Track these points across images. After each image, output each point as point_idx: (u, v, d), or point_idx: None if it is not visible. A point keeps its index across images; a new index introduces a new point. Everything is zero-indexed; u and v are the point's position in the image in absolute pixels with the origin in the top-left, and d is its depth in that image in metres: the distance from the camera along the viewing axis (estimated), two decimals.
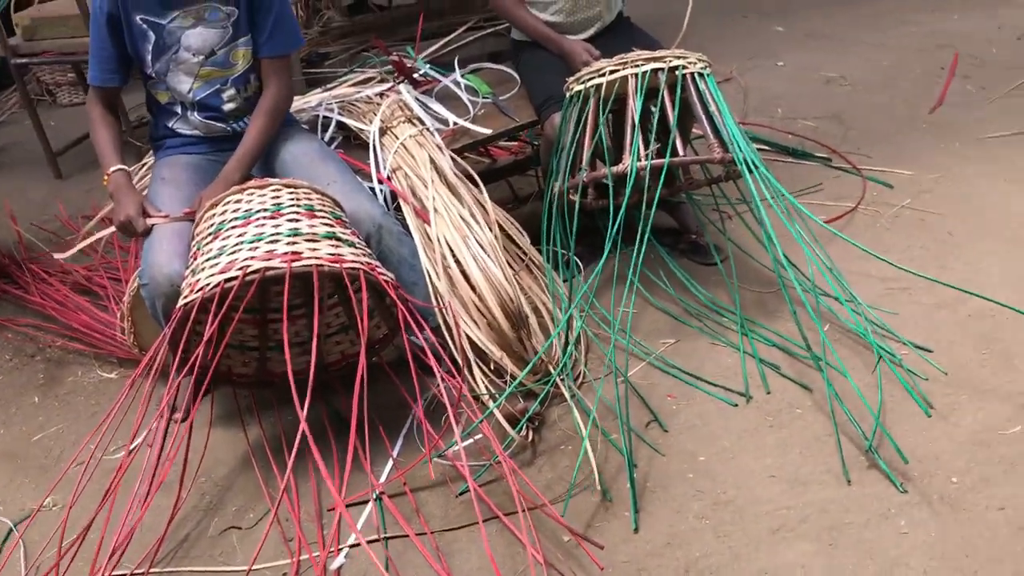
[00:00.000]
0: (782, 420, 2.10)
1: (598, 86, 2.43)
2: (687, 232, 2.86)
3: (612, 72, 2.41)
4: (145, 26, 2.21)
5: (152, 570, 1.88)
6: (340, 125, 2.78)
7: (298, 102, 2.88)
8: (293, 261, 1.88)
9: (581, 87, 2.46)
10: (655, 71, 2.38)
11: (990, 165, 3.21)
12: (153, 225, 2.15)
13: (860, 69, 4.38)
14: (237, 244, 1.94)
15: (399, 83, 2.90)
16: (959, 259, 2.65)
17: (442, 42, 3.47)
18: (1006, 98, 3.79)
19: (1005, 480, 1.85)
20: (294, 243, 1.93)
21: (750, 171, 2.30)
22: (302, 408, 1.66)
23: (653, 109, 2.50)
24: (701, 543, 1.79)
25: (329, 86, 3.06)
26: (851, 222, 2.94)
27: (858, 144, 3.51)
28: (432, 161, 2.49)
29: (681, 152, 2.33)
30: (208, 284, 1.86)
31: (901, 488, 1.84)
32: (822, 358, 2.20)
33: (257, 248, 1.91)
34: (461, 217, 2.35)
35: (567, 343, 2.29)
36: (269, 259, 1.88)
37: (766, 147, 3.50)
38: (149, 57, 2.26)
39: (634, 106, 2.35)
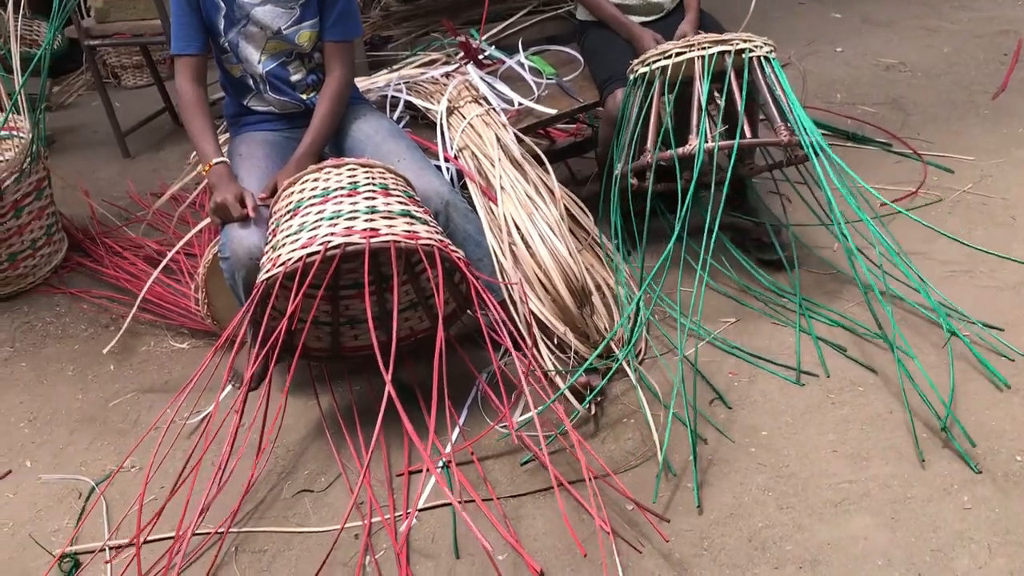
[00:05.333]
0: (844, 398, 2.13)
1: (664, 68, 2.45)
2: (757, 225, 2.86)
3: (678, 54, 2.43)
4: None
5: (231, 530, 1.96)
6: (408, 105, 2.83)
7: (365, 82, 2.94)
8: (372, 237, 1.94)
9: (647, 69, 2.49)
10: (722, 54, 2.40)
11: None
12: (248, 213, 2.17)
13: (919, 55, 4.34)
14: (317, 221, 2.00)
15: (465, 64, 2.94)
16: (1023, 243, 2.64)
17: (504, 24, 3.51)
18: None
19: None
20: (371, 220, 1.98)
21: (816, 154, 2.32)
22: (387, 373, 1.71)
23: (716, 93, 2.52)
24: (764, 514, 1.83)
25: (396, 67, 3.12)
26: (912, 207, 2.94)
27: (918, 130, 3.50)
28: (498, 140, 2.54)
29: (748, 135, 2.35)
30: (290, 259, 1.92)
31: (976, 469, 1.85)
32: (890, 338, 2.21)
33: (336, 224, 1.97)
34: (527, 195, 2.40)
35: (634, 323, 2.33)
36: (349, 235, 1.94)
37: (826, 132, 3.50)
38: (221, 26, 2.33)
39: (701, 88, 2.37)
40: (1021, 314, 2.31)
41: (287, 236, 2.00)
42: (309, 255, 1.91)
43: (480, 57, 3.02)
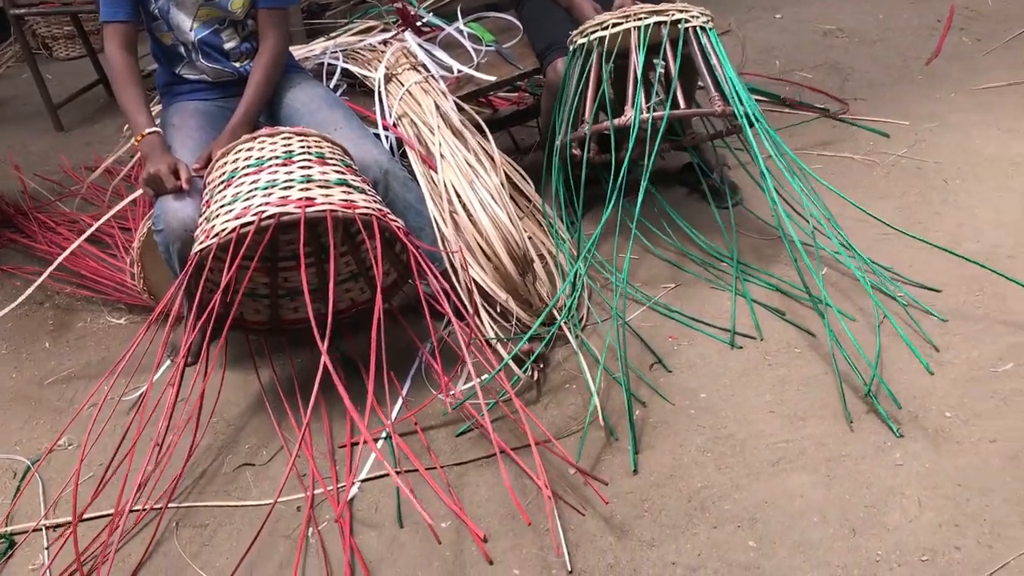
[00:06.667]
0: (780, 360, 2.16)
1: (601, 39, 2.45)
2: (717, 165, 2.88)
3: (615, 25, 2.43)
4: None
5: (171, 505, 1.94)
6: (345, 73, 2.79)
7: (302, 50, 2.89)
8: (307, 207, 1.91)
9: (584, 40, 2.48)
10: (658, 24, 2.41)
11: (984, 114, 3.25)
12: (181, 185, 2.12)
13: (855, 21, 4.39)
14: (251, 191, 1.97)
15: (403, 31, 2.91)
16: (954, 205, 2.70)
17: None
18: (1001, 49, 3.82)
19: (997, 414, 1.91)
20: (307, 189, 1.96)
21: (750, 124, 2.34)
22: (323, 345, 1.70)
23: (657, 63, 2.52)
24: (703, 475, 1.86)
25: (333, 35, 3.07)
26: (849, 171, 2.98)
27: (855, 95, 3.54)
28: (437, 107, 2.52)
29: (683, 106, 2.36)
30: (224, 229, 1.89)
31: (897, 433, 1.89)
32: (821, 300, 2.25)
33: (271, 194, 1.94)
34: (467, 162, 2.39)
35: (573, 289, 2.34)
36: (283, 204, 1.91)
37: (765, 98, 3.53)
38: None
39: (636, 60, 2.37)
40: (954, 275, 2.36)
41: (221, 207, 1.97)
42: (243, 225, 1.88)
43: (418, 24, 2.99)
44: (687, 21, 2.40)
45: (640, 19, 2.40)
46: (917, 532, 1.67)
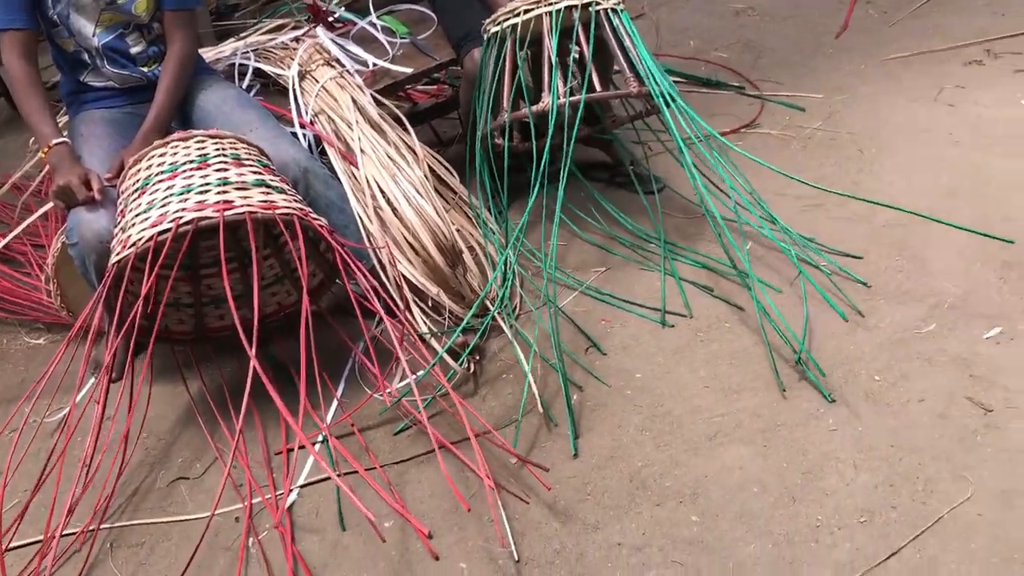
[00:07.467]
0: (712, 335, 2.18)
1: (514, 26, 2.44)
2: (622, 165, 2.91)
3: (527, 12, 2.42)
4: None
5: (103, 526, 1.88)
6: (257, 73, 2.74)
7: (212, 52, 2.83)
8: (225, 210, 1.86)
9: (498, 28, 2.47)
10: (569, 8, 2.40)
11: (893, 84, 3.33)
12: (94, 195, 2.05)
13: None
14: (166, 197, 1.91)
15: (315, 27, 2.86)
16: (869, 174, 2.76)
17: None
18: (907, 19, 3.91)
19: (923, 375, 1.96)
20: (224, 192, 1.91)
21: (667, 104, 2.36)
22: (252, 351, 1.66)
23: (572, 47, 2.52)
24: (642, 454, 1.87)
25: (243, 35, 3.01)
26: (767, 146, 3.03)
27: (769, 72, 3.60)
28: (355, 102, 2.49)
29: (599, 89, 2.37)
30: (141, 238, 1.84)
31: (829, 398, 1.93)
32: (746, 274, 2.28)
33: (187, 199, 1.89)
34: (389, 156, 2.36)
35: (505, 279, 2.33)
36: (201, 209, 1.86)
37: (681, 79, 3.56)
38: None
39: (550, 45, 2.37)
40: (872, 241, 2.41)
41: (136, 215, 1.92)
42: (160, 233, 1.83)
43: (330, 19, 2.94)
44: (598, 4, 2.41)
45: (551, 4, 2.40)
46: (854, 495, 1.70)
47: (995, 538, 1.58)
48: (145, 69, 2.34)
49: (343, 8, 3.03)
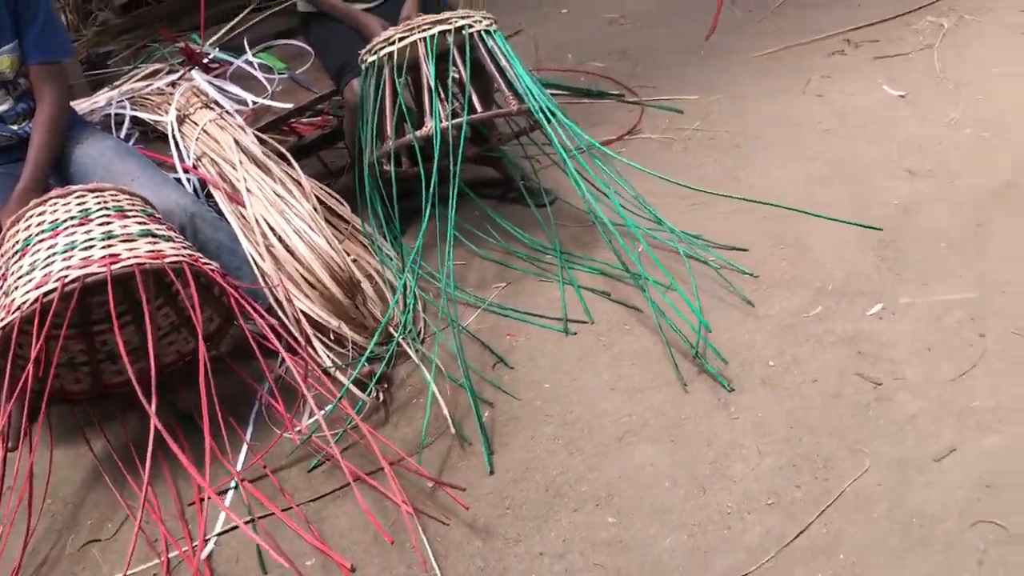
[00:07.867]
0: (613, 339, 2.24)
1: (390, 54, 2.46)
2: (512, 180, 2.94)
3: (402, 39, 2.45)
4: None
5: None
6: (135, 121, 2.69)
7: (86, 103, 2.76)
8: (112, 264, 1.83)
9: (374, 57, 2.49)
10: (443, 33, 2.44)
11: (764, 79, 3.48)
12: None
13: (636, 6, 4.59)
14: (49, 256, 1.86)
15: (190, 70, 2.82)
16: (748, 169, 2.87)
17: (228, 26, 3.38)
18: (771, 17, 4.09)
19: (813, 356, 2.05)
20: (110, 246, 1.87)
21: (547, 119, 2.41)
22: (151, 406, 1.63)
23: (452, 70, 2.55)
24: (556, 462, 1.90)
25: (117, 83, 2.95)
26: (649, 150, 3.12)
27: (646, 78, 3.71)
28: (237, 143, 2.46)
29: (480, 109, 2.41)
30: (26, 301, 1.78)
31: (728, 387, 2.00)
32: (640, 276, 2.34)
33: (72, 257, 1.85)
34: (276, 193, 2.34)
35: (406, 304, 2.34)
36: (86, 266, 1.82)
37: (563, 91, 3.63)
38: None
39: (428, 70, 2.40)
40: (757, 233, 2.51)
41: (19, 278, 1.86)
42: (46, 294, 1.78)
43: (205, 61, 2.91)
44: (470, 27, 2.45)
45: (425, 30, 2.43)
46: (760, 479, 1.77)
47: (894, 505, 1.67)
48: (15, 127, 2.28)
49: (217, 49, 3.00)
